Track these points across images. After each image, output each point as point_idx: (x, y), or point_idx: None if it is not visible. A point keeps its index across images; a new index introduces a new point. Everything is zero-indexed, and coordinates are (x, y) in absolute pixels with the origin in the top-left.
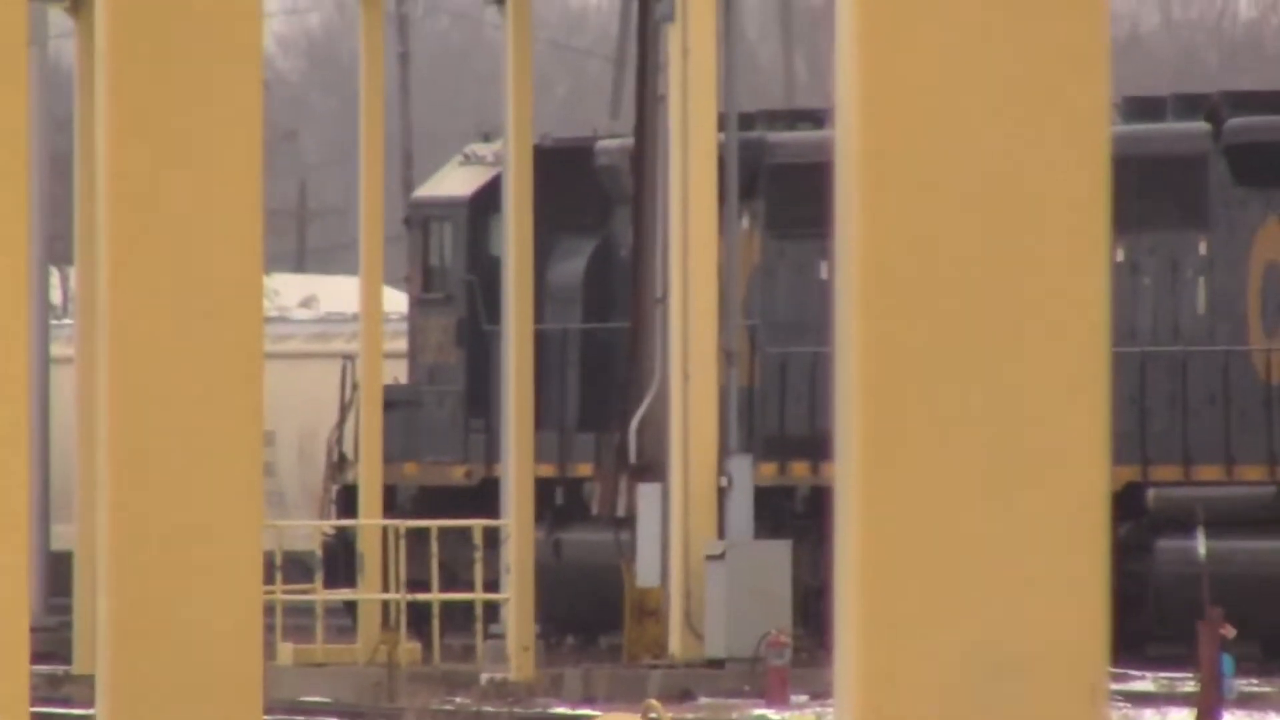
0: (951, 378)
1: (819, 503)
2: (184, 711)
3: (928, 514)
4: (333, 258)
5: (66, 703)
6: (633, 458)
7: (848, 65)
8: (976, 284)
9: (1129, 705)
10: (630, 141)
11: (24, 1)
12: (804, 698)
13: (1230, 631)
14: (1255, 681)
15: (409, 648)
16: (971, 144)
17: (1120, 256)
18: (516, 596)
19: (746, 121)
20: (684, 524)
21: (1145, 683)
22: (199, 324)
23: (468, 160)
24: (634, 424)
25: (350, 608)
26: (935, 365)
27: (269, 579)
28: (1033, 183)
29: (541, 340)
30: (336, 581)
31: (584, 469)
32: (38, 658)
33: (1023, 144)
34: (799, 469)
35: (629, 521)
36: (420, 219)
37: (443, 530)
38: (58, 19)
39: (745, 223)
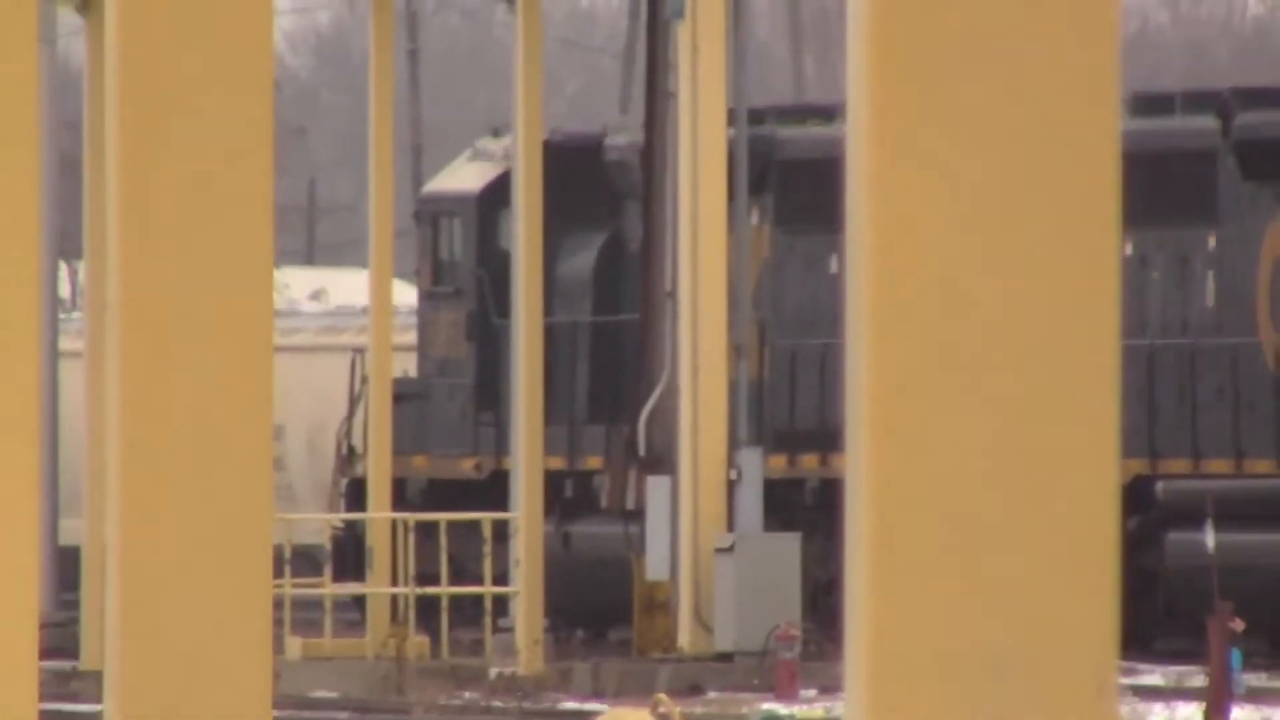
0: (962, 371)
1: (829, 495)
2: (192, 707)
3: (938, 507)
4: (342, 253)
5: (74, 699)
6: (642, 451)
7: (858, 61)
8: (988, 278)
9: (1138, 699)
10: (640, 137)
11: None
12: (813, 692)
13: (1240, 625)
14: (1264, 675)
15: (417, 642)
16: (982, 138)
17: (1129, 251)
18: (526, 590)
19: (756, 117)
20: (693, 517)
21: (1154, 676)
22: (209, 318)
23: (477, 155)
24: (643, 417)
25: (359, 602)
26: (946, 359)
27: (278, 573)
28: (1043, 177)
29: (551, 334)
30: (345, 575)
31: (594, 462)
32: (45, 653)
33: (1034, 138)
34: (808, 461)
35: (638, 514)
36: (430, 214)
37: (452, 523)
38: (67, 18)
39: (755, 217)
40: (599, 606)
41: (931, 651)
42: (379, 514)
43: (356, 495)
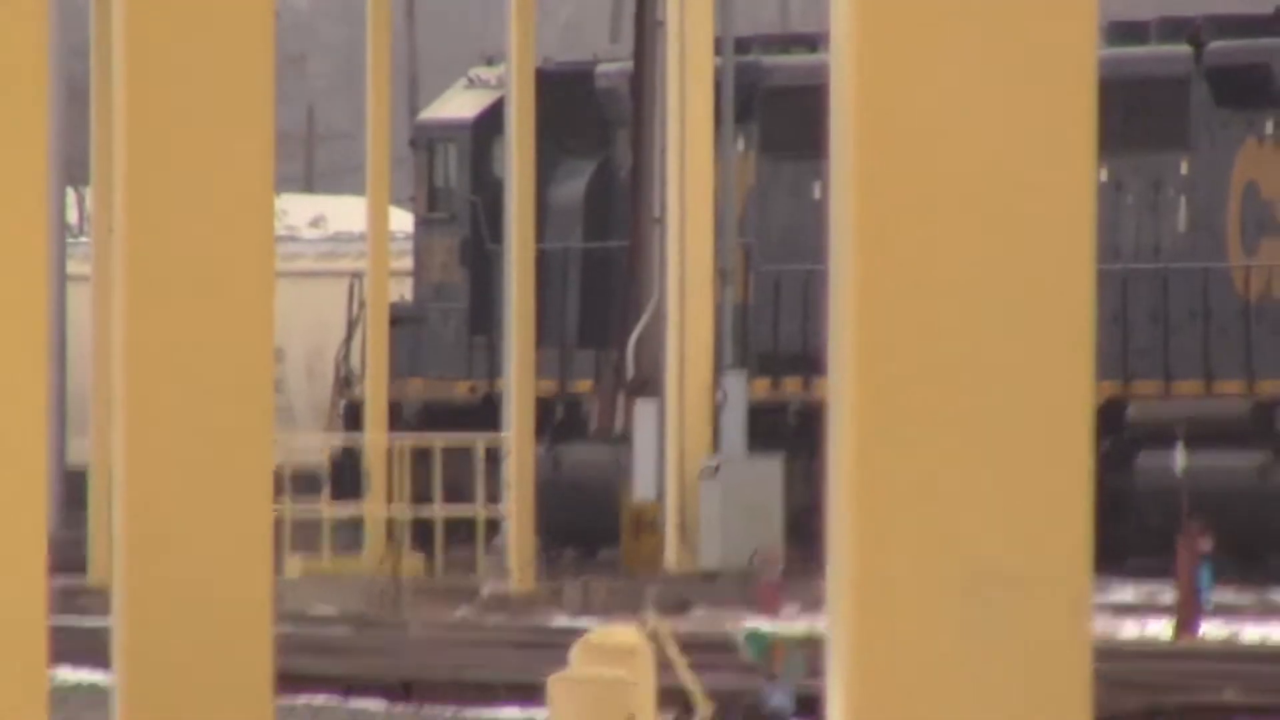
0: (943, 294)
1: (811, 418)
2: (196, 622)
3: (918, 430)
4: (340, 179)
5: (83, 613)
6: (630, 374)
7: None
8: (969, 201)
9: (1110, 615)
10: (629, 66)
11: None
12: (796, 609)
13: (1208, 544)
14: (1231, 592)
15: (413, 561)
16: (964, 65)
17: (1104, 176)
18: (517, 511)
19: (742, 46)
20: (679, 440)
21: (1126, 593)
22: (211, 243)
23: (471, 84)
24: (632, 341)
25: (356, 522)
26: (927, 282)
27: (278, 493)
28: (1023, 102)
29: (543, 259)
30: (343, 495)
31: (583, 385)
32: (54, 570)
33: (1014, 65)
34: (792, 385)
35: (626, 438)
36: (425, 141)
37: (446, 446)
38: None
39: (741, 145)
40: (588, 527)
41: (911, 569)
42: (376, 436)
43: (354, 417)
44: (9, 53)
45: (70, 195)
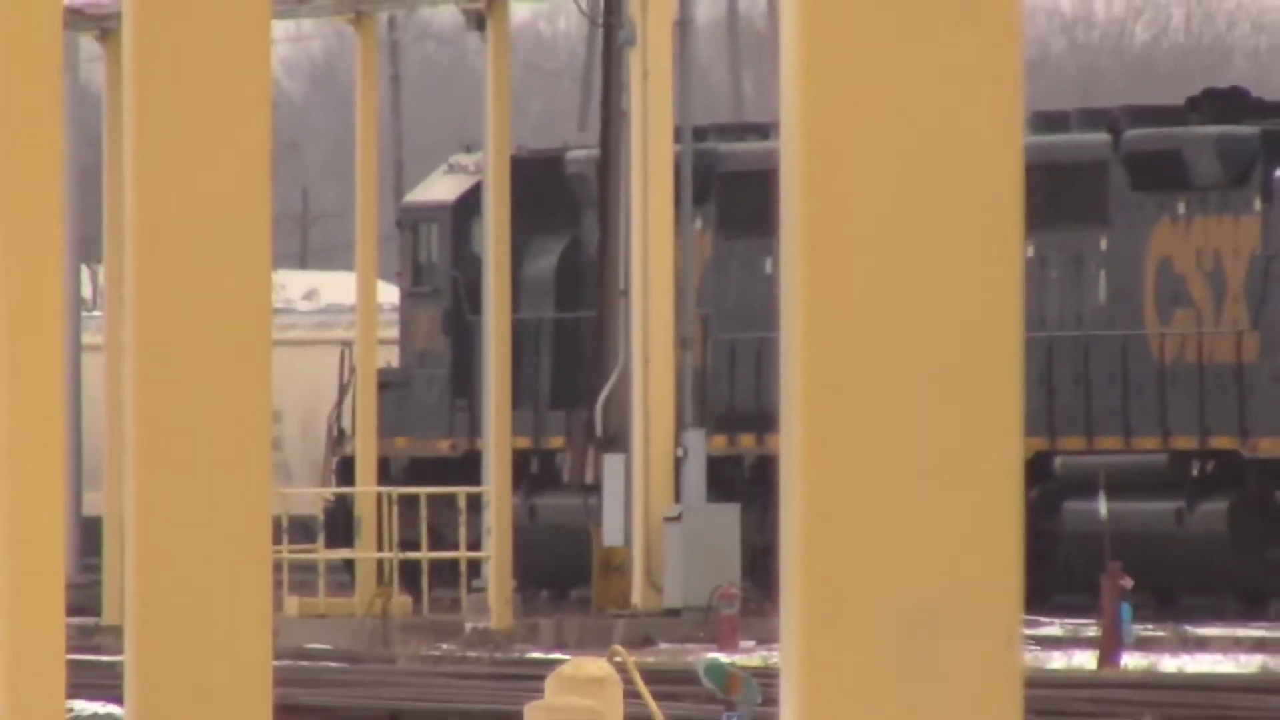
0: (883, 361)
1: (764, 471)
2: (202, 657)
3: (862, 481)
4: (332, 256)
5: (98, 650)
6: (599, 431)
7: (791, 84)
8: (906, 277)
9: (1039, 648)
10: (596, 152)
11: (60, 30)
12: (752, 643)
13: (1129, 583)
14: (1150, 627)
15: (401, 601)
16: (901, 154)
17: (1031, 252)
18: (496, 555)
19: (700, 134)
20: (645, 490)
21: (1053, 628)
22: (214, 314)
23: (452, 169)
24: (600, 401)
25: (349, 565)
26: (869, 350)
27: (277, 540)
28: (955, 188)
29: (518, 328)
30: (336, 542)
31: (556, 442)
32: (72, 611)
33: (947, 155)
34: (747, 440)
35: (596, 488)
36: (410, 221)
37: (431, 496)
38: (88, 45)
39: (699, 224)
40: (562, 569)
41: (858, 607)
42: (366, 488)
43: (346, 472)
44: (30, 143)
45: (84, 272)
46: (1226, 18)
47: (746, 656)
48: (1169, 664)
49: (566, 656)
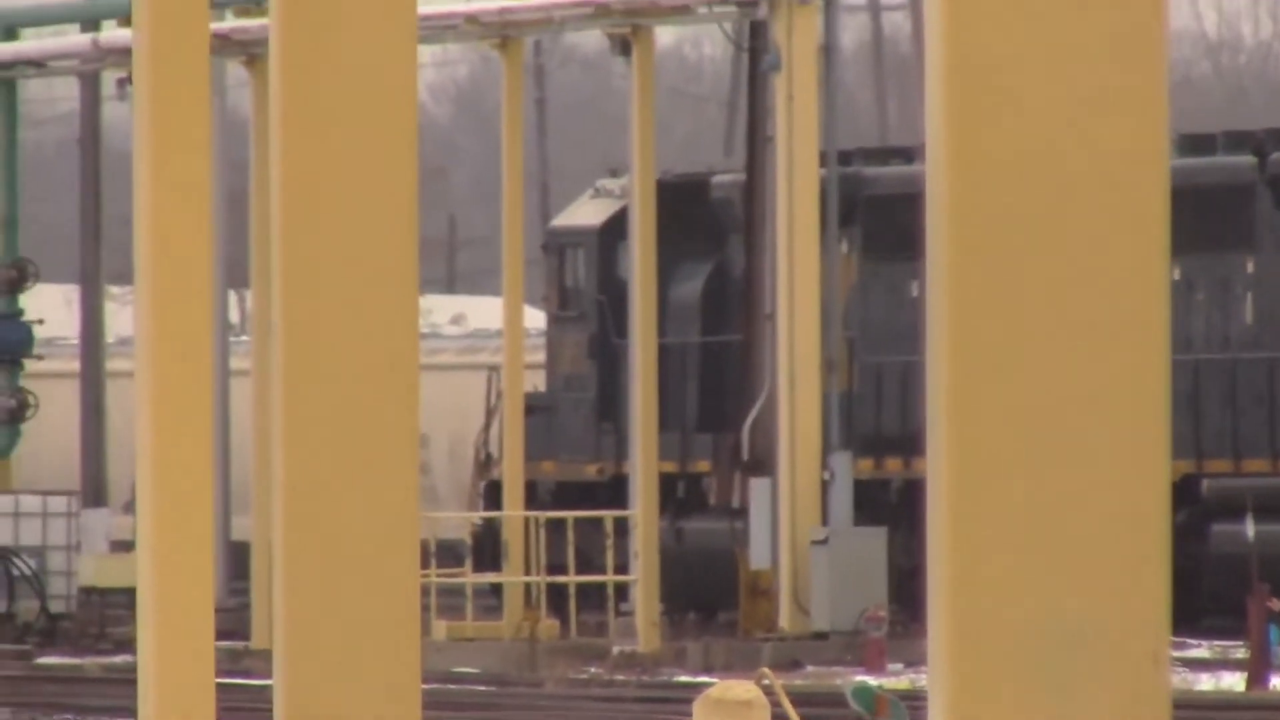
0: (1031, 384)
1: (911, 494)
2: (351, 681)
3: (1009, 504)
4: (479, 281)
5: (246, 674)
6: (745, 455)
7: (936, 108)
8: (1051, 301)
9: (1187, 670)
10: (742, 176)
11: (207, 58)
12: (899, 665)
13: (1276, 604)
14: None
15: (548, 624)
16: (1046, 178)
17: (1177, 276)
18: (643, 578)
19: (845, 158)
20: (791, 513)
21: (1201, 650)
22: (361, 339)
23: (598, 193)
24: (747, 425)
25: (496, 589)
26: (1016, 373)
27: (425, 564)
28: (1102, 212)
29: (664, 352)
30: (484, 566)
31: (703, 465)
32: (221, 635)
33: (1093, 178)
34: (893, 464)
35: (743, 511)
36: (556, 246)
37: (578, 520)
38: (235, 71)
39: (844, 247)
40: (709, 592)
41: (1004, 629)
42: (514, 512)
43: (493, 496)
44: (179, 168)
45: (232, 296)
46: None
47: (894, 679)
48: None
49: (714, 680)
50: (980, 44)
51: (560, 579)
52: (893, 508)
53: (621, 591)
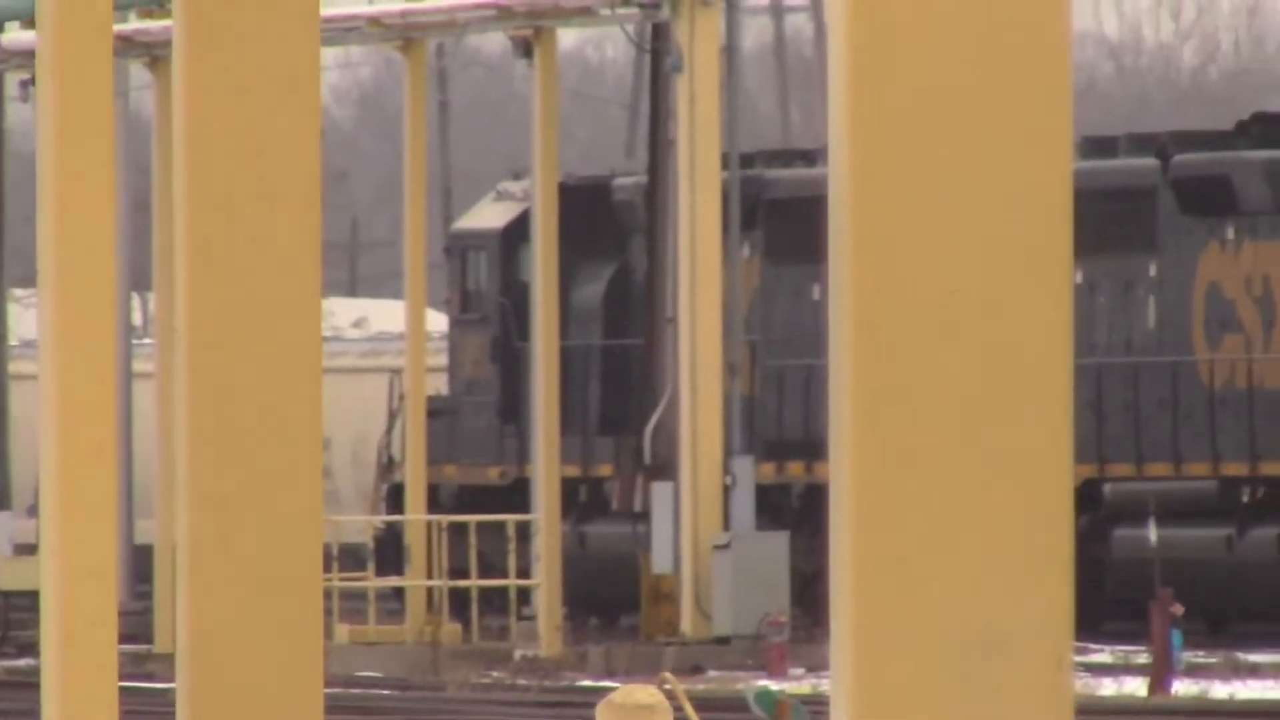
0: (932, 386)
1: (813, 498)
2: (254, 685)
3: (913, 508)
4: (381, 284)
5: (150, 678)
6: (648, 459)
7: (839, 109)
8: (954, 304)
9: (1090, 675)
10: (644, 179)
11: (111, 60)
12: (801, 670)
13: (1179, 609)
14: (1201, 653)
15: (451, 628)
16: (948, 180)
17: (1079, 279)
18: (546, 582)
19: (747, 161)
20: (693, 518)
21: (1104, 655)
22: (264, 342)
23: (500, 196)
24: (649, 429)
25: (399, 593)
26: (920, 377)
27: (327, 568)
28: (1004, 214)
29: (566, 355)
30: (386, 570)
31: (605, 469)
32: (124, 638)
33: (994, 179)
34: (795, 468)
35: (645, 516)
36: (459, 248)
37: (480, 524)
38: (138, 73)
39: (746, 250)
40: (611, 596)
41: (907, 634)
42: (416, 516)
43: (395, 499)
44: (81, 170)
45: (135, 299)
46: (1276, 42)
47: (796, 684)
48: (1220, 691)
49: (616, 684)
50: (883, 46)
51: (462, 583)
52: (795, 512)
53: (524, 596)
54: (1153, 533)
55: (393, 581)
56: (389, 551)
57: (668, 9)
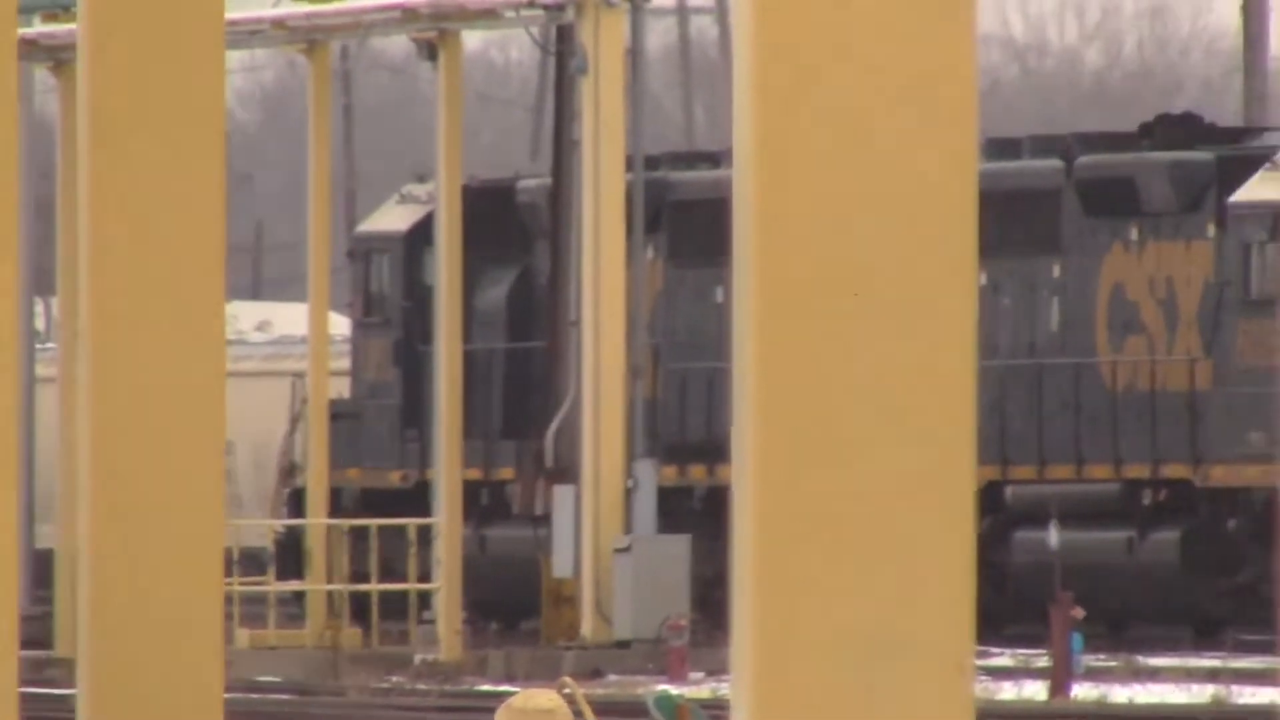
0: (835, 389)
1: (715, 501)
2: (154, 688)
3: (814, 512)
4: (285, 287)
5: (50, 684)
6: (549, 462)
7: (744, 112)
8: (859, 307)
9: (990, 679)
10: (548, 181)
11: (15, 63)
12: (701, 674)
13: (1079, 613)
14: (1101, 657)
15: (351, 632)
16: (853, 183)
17: (984, 280)
18: (446, 586)
19: (651, 163)
20: (595, 521)
21: (1004, 659)
22: (167, 346)
23: (404, 199)
24: (551, 432)
25: (299, 597)
26: (820, 378)
27: (228, 572)
28: (907, 217)
29: (469, 359)
30: (287, 574)
31: (506, 473)
32: (24, 644)
33: (898, 181)
34: (697, 472)
35: (546, 519)
36: (362, 251)
37: (381, 528)
38: (42, 77)
39: (650, 253)
40: (511, 600)
41: (809, 638)
42: (317, 520)
43: (297, 503)
44: None
45: (38, 304)
46: (1179, 45)
47: (696, 688)
48: (1120, 694)
49: (516, 688)
50: (789, 48)
51: (363, 587)
52: (697, 515)
53: (424, 600)
54: (1054, 536)
55: (293, 585)
56: (290, 555)
57: (572, 11)
